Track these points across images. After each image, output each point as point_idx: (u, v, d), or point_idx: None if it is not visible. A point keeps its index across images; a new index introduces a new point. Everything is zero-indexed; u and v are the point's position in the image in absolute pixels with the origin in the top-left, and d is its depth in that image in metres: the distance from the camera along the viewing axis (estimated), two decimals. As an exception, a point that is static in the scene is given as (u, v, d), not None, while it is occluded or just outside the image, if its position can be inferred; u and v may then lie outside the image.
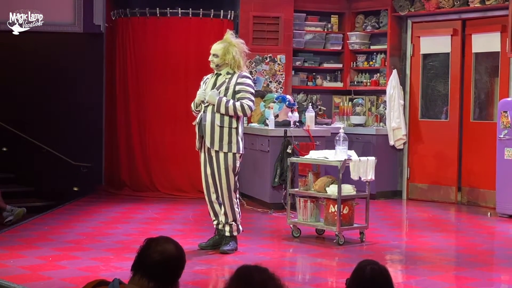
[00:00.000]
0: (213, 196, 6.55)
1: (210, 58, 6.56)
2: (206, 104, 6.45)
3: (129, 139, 10.31)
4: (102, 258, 6.27)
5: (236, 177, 6.53)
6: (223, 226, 6.61)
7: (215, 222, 6.66)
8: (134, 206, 9.24)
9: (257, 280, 2.64)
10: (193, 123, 6.61)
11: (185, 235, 6.88)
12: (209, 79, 6.64)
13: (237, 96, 6.43)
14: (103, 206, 9.32)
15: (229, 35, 6.67)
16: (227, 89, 6.43)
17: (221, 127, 6.39)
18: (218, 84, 6.51)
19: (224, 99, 6.37)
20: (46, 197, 10.06)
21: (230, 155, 6.42)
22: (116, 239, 7.13)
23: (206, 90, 6.50)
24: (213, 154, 6.45)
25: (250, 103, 6.42)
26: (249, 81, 6.56)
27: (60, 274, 5.72)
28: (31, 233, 7.43)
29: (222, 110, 6.35)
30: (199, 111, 6.56)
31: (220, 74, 6.55)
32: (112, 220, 8.28)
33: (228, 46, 6.55)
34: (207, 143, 6.42)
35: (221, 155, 6.41)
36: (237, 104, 6.37)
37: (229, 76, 6.50)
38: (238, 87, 6.44)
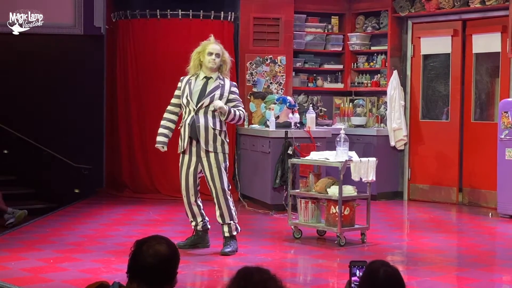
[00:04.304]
0: (192, 198, 6.64)
1: (212, 57, 6.55)
2: (197, 107, 6.48)
3: (130, 141, 10.31)
4: (103, 260, 6.26)
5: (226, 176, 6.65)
6: (221, 227, 6.64)
7: (193, 224, 6.78)
8: (135, 208, 9.24)
9: (257, 279, 2.64)
10: (179, 127, 6.64)
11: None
12: (192, 81, 6.59)
13: (231, 104, 6.57)
14: (104, 208, 9.32)
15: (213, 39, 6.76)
16: (222, 95, 6.51)
17: (214, 129, 6.50)
18: (211, 88, 6.53)
19: (231, 108, 6.53)
20: (47, 199, 10.06)
21: (221, 155, 6.53)
22: (117, 241, 7.12)
23: (194, 92, 6.51)
24: (203, 154, 6.51)
25: (245, 113, 6.80)
26: (238, 91, 6.76)
27: (61, 276, 5.72)
28: (32, 235, 7.44)
29: (230, 118, 6.52)
30: (174, 113, 6.71)
31: (210, 78, 6.56)
32: (113, 222, 8.28)
33: (222, 49, 6.68)
34: (203, 145, 6.48)
35: (213, 155, 6.50)
36: (238, 113, 6.56)
37: (222, 82, 6.58)
38: (231, 96, 6.59)
